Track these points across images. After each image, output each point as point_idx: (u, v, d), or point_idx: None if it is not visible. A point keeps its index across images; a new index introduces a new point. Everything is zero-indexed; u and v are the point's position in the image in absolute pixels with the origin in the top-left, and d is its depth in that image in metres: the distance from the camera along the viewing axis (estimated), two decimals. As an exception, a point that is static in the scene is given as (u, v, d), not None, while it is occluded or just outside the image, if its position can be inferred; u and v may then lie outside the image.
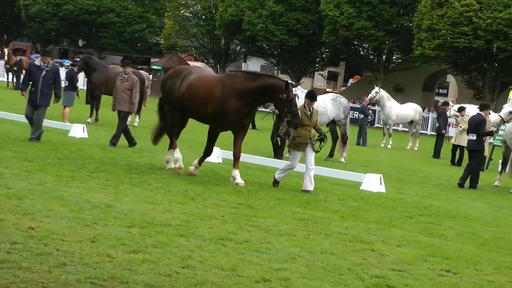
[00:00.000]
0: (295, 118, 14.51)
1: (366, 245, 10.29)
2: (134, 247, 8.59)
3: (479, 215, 14.59)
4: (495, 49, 52.69)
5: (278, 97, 14.64)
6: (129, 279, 7.33)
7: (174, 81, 15.96)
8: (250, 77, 15.10)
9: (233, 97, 14.83)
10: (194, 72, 16.09)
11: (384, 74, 61.27)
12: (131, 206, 11.14)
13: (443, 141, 30.25)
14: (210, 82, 15.56)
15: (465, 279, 8.95)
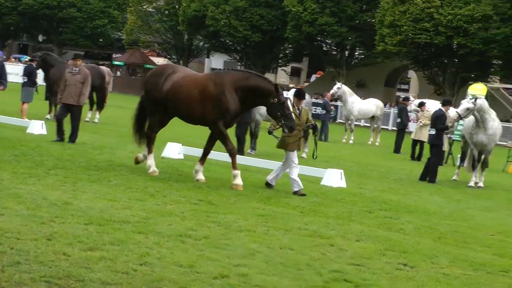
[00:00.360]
0: (290, 121, 14.19)
1: (325, 240, 10.35)
2: (91, 244, 8.54)
3: (436, 209, 14.74)
4: (455, 45, 53.26)
5: (269, 102, 14.31)
6: (85, 277, 7.28)
7: (156, 80, 15.31)
8: (241, 76, 14.81)
9: (228, 92, 14.46)
10: (179, 71, 15.50)
11: (346, 70, 61.59)
12: (89, 203, 11.07)
13: (403, 136, 30.48)
14: (199, 81, 14.98)
15: (421, 272, 9.04)
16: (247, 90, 14.51)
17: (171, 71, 15.42)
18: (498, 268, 9.67)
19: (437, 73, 56.46)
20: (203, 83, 14.87)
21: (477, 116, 19.78)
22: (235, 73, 15.18)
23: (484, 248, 11.04)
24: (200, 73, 16.58)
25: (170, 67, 16.09)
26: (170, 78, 15.13)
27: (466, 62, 53.33)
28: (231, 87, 14.49)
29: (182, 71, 15.63)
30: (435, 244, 10.93)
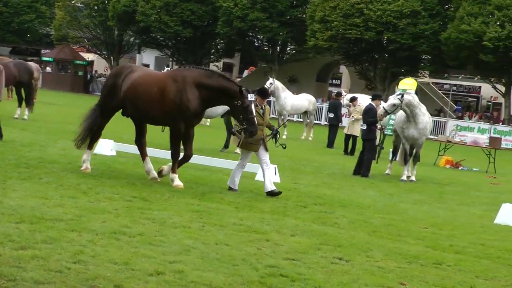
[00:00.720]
0: (251, 126, 13.81)
1: (260, 235, 10.33)
2: (23, 243, 8.35)
3: (370, 203, 14.88)
4: (385, 41, 53.93)
5: (233, 103, 13.95)
6: (17, 277, 7.11)
7: (115, 80, 14.84)
8: (204, 73, 14.29)
9: (189, 89, 13.98)
10: (137, 70, 14.95)
11: (278, 65, 61.80)
12: (20, 201, 10.84)
13: (336, 131, 30.73)
14: (159, 79, 14.54)
15: (356, 266, 9.09)
16: (210, 88, 14.05)
17: (129, 70, 14.92)
18: (432, 261, 9.79)
19: (368, 68, 57.11)
20: (162, 80, 14.38)
21: (407, 111, 20.03)
22: (196, 70, 14.56)
23: (417, 241, 11.17)
24: (160, 72, 16.08)
25: (127, 66, 15.56)
26: (129, 77, 14.65)
27: (396, 57, 54.07)
28: (192, 84, 14.03)
29: (141, 70, 15.12)
30: (369, 238, 11.01)
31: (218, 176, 16.23)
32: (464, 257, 10.27)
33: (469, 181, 22.11)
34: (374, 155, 20.86)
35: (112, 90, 14.84)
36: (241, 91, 13.89)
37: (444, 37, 50.89)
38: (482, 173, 25.64)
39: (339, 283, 8.13)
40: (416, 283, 8.53)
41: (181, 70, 15.10)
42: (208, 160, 17.33)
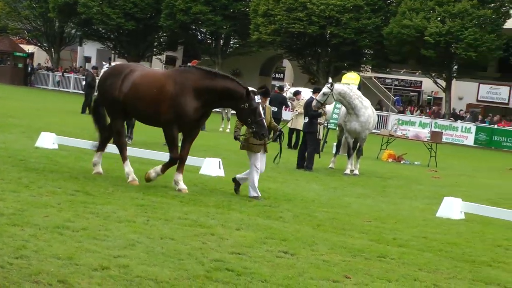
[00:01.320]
0: (261, 128, 13.26)
1: (205, 229, 10.30)
2: (-36, 238, 8.19)
3: (314, 196, 14.95)
4: (328, 35, 54.23)
5: (239, 106, 13.31)
6: (-42, 273, 6.98)
7: (113, 81, 14.15)
8: (206, 75, 13.53)
9: (188, 95, 13.34)
10: (137, 69, 14.30)
11: (221, 59, 61.72)
12: (-40, 195, 10.62)
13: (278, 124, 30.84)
14: (158, 79, 13.85)
15: (301, 259, 9.12)
16: (213, 91, 13.40)
17: (129, 70, 14.27)
18: (376, 254, 9.88)
19: (311, 62, 57.38)
20: (162, 80, 13.75)
21: (344, 102, 20.14)
22: (199, 71, 13.75)
23: (361, 234, 11.26)
24: (160, 71, 15.31)
25: (126, 66, 14.87)
26: (129, 78, 14.05)
27: (339, 51, 54.44)
28: (194, 88, 13.38)
29: (141, 69, 14.45)
30: (314, 232, 11.06)
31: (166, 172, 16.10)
32: (407, 250, 10.39)
33: (411, 175, 22.38)
34: (317, 148, 20.98)
35: (109, 90, 14.16)
36: (248, 93, 13.23)
37: (386, 32, 51.40)
38: (424, 167, 25.98)
39: (284, 277, 8.14)
40: (360, 276, 8.59)
41: (182, 71, 14.09)
42: (152, 154, 17.21)
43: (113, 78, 14.28)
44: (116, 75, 14.29)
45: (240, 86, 13.40)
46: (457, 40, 49.45)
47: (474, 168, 28.68)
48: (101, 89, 14.61)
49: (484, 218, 14.07)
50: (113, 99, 14.12)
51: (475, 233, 12.54)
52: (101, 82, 14.80)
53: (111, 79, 14.32)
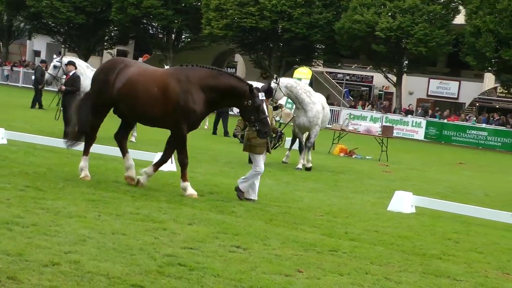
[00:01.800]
0: (264, 127, 12.80)
1: (157, 224, 10.24)
2: None
3: (267, 191, 14.95)
4: (280, 30, 54.34)
5: (242, 103, 12.88)
6: None
7: (106, 77, 13.51)
8: (210, 73, 13.08)
9: (194, 91, 12.86)
10: (132, 65, 13.64)
11: (173, 53, 61.47)
12: None
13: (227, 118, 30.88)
14: (158, 78, 13.21)
15: (254, 254, 9.12)
16: (217, 89, 12.95)
17: (123, 65, 13.60)
18: (328, 248, 9.92)
19: (263, 57, 57.46)
20: (164, 79, 13.15)
21: (292, 96, 20.17)
22: (201, 69, 13.27)
23: (313, 228, 11.30)
24: (158, 68, 14.68)
25: (120, 61, 14.04)
26: (123, 74, 13.41)
27: (291, 46, 54.59)
28: (197, 85, 12.95)
29: (136, 65, 13.82)
30: (266, 226, 11.07)
31: (114, 164, 16.00)
32: (359, 244, 10.46)
33: (363, 169, 22.54)
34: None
35: (102, 87, 13.56)
36: (252, 90, 12.81)
37: (338, 27, 51.71)
38: (375, 161, 26.19)
39: (237, 271, 8.13)
40: (312, 270, 8.62)
41: (184, 69, 13.47)
42: (103, 149, 17.06)
43: (105, 74, 13.67)
44: (110, 70, 13.68)
45: (243, 83, 12.99)
46: (408, 36, 49.96)
47: (424, 162, 29.01)
48: (94, 85, 13.90)
49: (434, 212, 14.24)
50: (103, 96, 13.51)
51: (426, 227, 12.68)
52: (95, 77, 14.07)
53: (103, 75, 13.71)
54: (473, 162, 32.19)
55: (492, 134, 46.57)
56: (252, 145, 13.35)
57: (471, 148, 44.72)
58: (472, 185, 21.28)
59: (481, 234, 12.56)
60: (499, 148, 45.36)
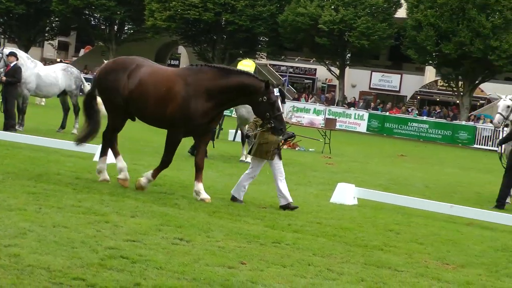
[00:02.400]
0: (280, 123, 12.39)
1: (100, 217, 10.15)
2: None
3: (210, 183, 14.90)
4: (224, 22, 54.27)
5: (257, 100, 12.39)
6: None
7: (118, 76, 13.02)
8: (219, 74, 12.58)
9: (199, 97, 12.40)
10: (144, 65, 13.16)
11: (116, 45, 60.96)
12: None
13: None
14: (168, 78, 12.80)
15: (197, 246, 9.11)
16: (229, 90, 12.49)
17: (134, 65, 13.11)
18: (271, 240, 9.95)
19: (207, 49, 57.34)
20: (172, 79, 12.71)
21: None
22: (210, 70, 12.73)
23: (256, 220, 11.32)
24: (169, 68, 14.15)
25: (131, 61, 13.43)
26: (136, 74, 12.96)
27: (235, 38, 54.58)
28: (206, 89, 12.43)
29: (148, 65, 13.29)
30: (210, 218, 11.06)
31: (55, 157, 15.81)
32: (302, 236, 10.51)
33: (306, 161, 22.65)
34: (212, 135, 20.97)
35: (113, 87, 13.11)
36: (268, 86, 12.34)
37: (281, 20, 51.84)
38: (318, 153, 26.35)
39: (180, 264, 8.11)
40: (255, 262, 8.63)
41: (193, 70, 12.91)
42: (44, 141, 16.85)
43: (116, 74, 13.12)
44: (120, 70, 13.15)
45: (257, 80, 12.55)
46: (350, 29, 50.36)
47: (367, 154, 29.28)
48: (102, 85, 13.40)
49: (376, 204, 14.39)
50: (116, 96, 13.05)
51: (368, 218, 12.80)
52: (101, 76, 13.50)
53: (114, 74, 13.14)
54: (414, 155, 32.60)
55: (433, 127, 47.23)
56: (262, 150, 12.86)
57: (412, 141, 45.28)
58: (413, 177, 21.55)
59: (422, 225, 12.74)
60: (439, 140, 46.02)
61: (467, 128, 46.21)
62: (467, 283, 8.84)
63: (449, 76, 50.95)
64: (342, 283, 8.20)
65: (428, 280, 8.77)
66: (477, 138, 45.99)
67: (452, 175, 24.77)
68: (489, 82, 51.60)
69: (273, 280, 7.95)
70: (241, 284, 7.60)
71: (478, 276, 9.28)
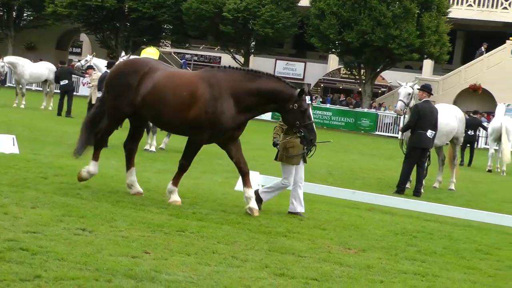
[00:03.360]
0: (310, 133, 11.80)
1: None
2: None
3: (114, 172, 14.79)
4: (127, 9, 53.67)
5: (287, 107, 11.68)
6: None
7: (128, 80, 12.04)
8: (247, 76, 11.76)
9: (226, 99, 11.56)
10: (158, 68, 12.17)
11: (15, 32, 59.53)
12: None
13: (71, 98, 30.36)
14: (188, 81, 11.89)
15: (100, 236, 8.99)
16: (257, 95, 11.69)
17: (147, 69, 12.09)
18: (175, 229, 9.91)
19: (110, 36, 56.58)
20: (194, 82, 11.79)
21: None
22: (235, 72, 11.93)
23: (161, 209, 11.25)
24: (187, 71, 13.19)
25: (143, 63, 12.43)
26: (149, 78, 11.98)
27: (138, 26, 54.03)
28: (233, 91, 11.63)
29: (162, 68, 12.29)
30: (113, 208, 10.92)
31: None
32: (206, 224, 10.51)
33: (212, 149, 22.40)
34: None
35: (123, 92, 12.11)
36: (302, 93, 11.65)
37: (185, 7, 51.59)
38: (222, 141, 26.31)
39: (82, 254, 7.99)
40: (160, 251, 8.59)
41: (215, 72, 12.01)
42: None
43: (127, 77, 12.15)
44: (131, 73, 12.17)
45: (288, 86, 11.80)
46: (255, 17, 50.53)
47: (271, 142, 29.37)
48: (112, 90, 12.38)
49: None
50: (124, 102, 12.14)
51: (272, 205, 12.88)
52: (111, 81, 12.51)
53: (124, 78, 12.18)
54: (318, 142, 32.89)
55: (336, 114, 47.92)
56: (289, 155, 12.24)
57: (316, 128, 45.78)
58: (317, 164, 21.80)
59: (325, 211, 12.92)
60: (342, 127, 46.73)
61: (369, 115, 47.10)
62: (368, 266, 9.01)
63: (352, 64, 51.75)
64: (246, 270, 8.23)
65: (330, 265, 8.90)
66: (379, 125, 46.95)
67: (355, 161, 25.20)
68: (390, 70, 52.65)
69: (177, 268, 7.92)
70: (145, 274, 7.54)
71: (379, 260, 9.47)
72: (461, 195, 18.59)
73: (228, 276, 7.86)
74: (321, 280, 8.14)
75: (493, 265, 10.05)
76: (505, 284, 9.06)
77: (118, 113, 12.40)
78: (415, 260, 9.70)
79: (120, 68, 12.73)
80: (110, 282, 7.19)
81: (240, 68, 12.35)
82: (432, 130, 17.32)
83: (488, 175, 26.29)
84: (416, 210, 13.91)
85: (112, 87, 12.42)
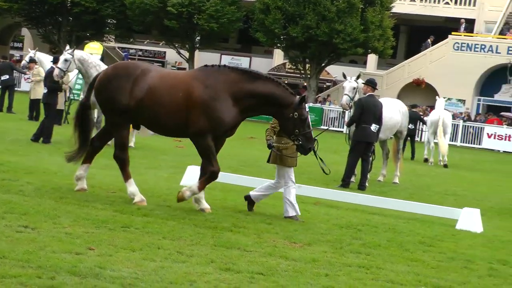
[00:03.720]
0: (308, 142, 11.58)
1: None
2: None
3: (57, 169, 14.61)
4: (69, 3, 53.04)
5: (286, 115, 11.40)
6: None
7: (121, 84, 11.63)
8: (244, 77, 11.48)
9: (224, 100, 11.29)
10: (150, 70, 11.84)
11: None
12: None
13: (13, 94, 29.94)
14: (182, 82, 11.56)
15: (43, 233, 8.89)
16: (255, 97, 11.45)
17: (139, 71, 11.72)
18: (120, 224, 9.86)
19: (52, 31, 55.82)
20: (188, 83, 11.46)
21: (82, 70, 19.80)
22: (232, 72, 11.63)
23: (105, 205, 11.17)
24: (180, 71, 12.42)
25: (135, 66, 12.05)
26: (143, 81, 11.60)
27: (81, 20, 53.39)
28: (230, 91, 11.35)
29: (155, 70, 12.00)
30: (56, 204, 10.81)
31: None
32: (151, 219, 10.47)
33: (156, 145, 22.53)
34: (55, 120, 20.71)
35: (115, 95, 11.70)
36: (302, 101, 11.44)
37: (129, 2, 51.17)
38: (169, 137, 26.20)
39: (25, 252, 7.89)
40: (104, 247, 8.52)
41: (211, 71, 11.69)
42: None
43: (119, 81, 11.74)
44: (123, 76, 11.77)
45: (288, 92, 11.51)
46: (199, 11, 50.34)
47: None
48: (103, 94, 11.94)
49: (225, 185, 14.48)
50: (119, 106, 11.70)
51: (217, 200, 12.89)
52: (102, 84, 11.99)
53: (116, 82, 11.76)
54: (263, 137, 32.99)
55: (281, 109, 47.93)
56: (283, 157, 12.04)
57: (262, 123, 45.78)
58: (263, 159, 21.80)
59: (270, 206, 12.95)
60: (288, 122, 46.77)
61: (315, 110, 47.29)
62: (313, 260, 9.06)
63: (297, 59, 51.90)
64: (191, 265, 8.22)
65: (276, 259, 8.93)
66: (324, 119, 47.21)
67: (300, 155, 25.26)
68: (335, 64, 52.94)
69: (122, 264, 7.87)
70: (89, 270, 7.48)
71: (324, 253, 9.54)
72: (405, 188, 18.82)
73: (174, 272, 7.84)
74: (267, 274, 8.17)
75: (436, 257, 10.20)
76: (447, 275, 9.20)
77: (116, 119, 11.93)
78: (359, 253, 9.79)
79: (110, 73, 12.11)
80: (53, 280, 7.11)
81: (236, 68, 11.99)
82: (376, 124, 17.47)
83: (431, 168, 26.65)
84: (361, 203, 14.05)
85: (102, 91, 11.99)
